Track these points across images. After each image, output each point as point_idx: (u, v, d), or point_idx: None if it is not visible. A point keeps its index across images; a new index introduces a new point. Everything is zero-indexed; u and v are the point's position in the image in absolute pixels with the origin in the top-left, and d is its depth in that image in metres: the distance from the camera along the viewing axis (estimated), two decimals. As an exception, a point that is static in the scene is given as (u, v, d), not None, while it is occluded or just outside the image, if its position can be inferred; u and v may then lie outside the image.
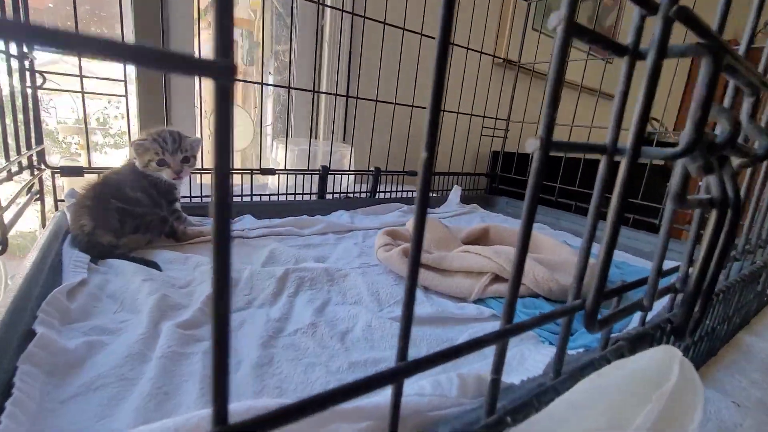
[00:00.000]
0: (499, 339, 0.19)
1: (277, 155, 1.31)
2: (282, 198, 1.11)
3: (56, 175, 0.83)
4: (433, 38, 0.15)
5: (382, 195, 1.30)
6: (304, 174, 1.15)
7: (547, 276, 0.62)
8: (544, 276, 0.62)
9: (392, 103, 1.25)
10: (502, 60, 1.63)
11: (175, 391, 0.35)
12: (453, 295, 0.63)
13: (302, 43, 1.46)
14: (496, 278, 0.64)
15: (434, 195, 1.46)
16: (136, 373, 0.37)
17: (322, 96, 1.45)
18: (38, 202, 0.79)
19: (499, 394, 0.21)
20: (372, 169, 1.28)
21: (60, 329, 0.43)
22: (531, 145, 0.18)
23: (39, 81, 0.76)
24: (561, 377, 0.25)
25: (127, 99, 0.87)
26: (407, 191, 1.36)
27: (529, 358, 0.44)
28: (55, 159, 1.25)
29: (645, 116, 0.19)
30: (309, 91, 1.23)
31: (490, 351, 0.20)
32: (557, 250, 0.78)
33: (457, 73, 1.36)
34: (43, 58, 0.82)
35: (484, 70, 1.47)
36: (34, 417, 0.31)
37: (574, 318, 0.24)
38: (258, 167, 1.06)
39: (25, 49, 0.72)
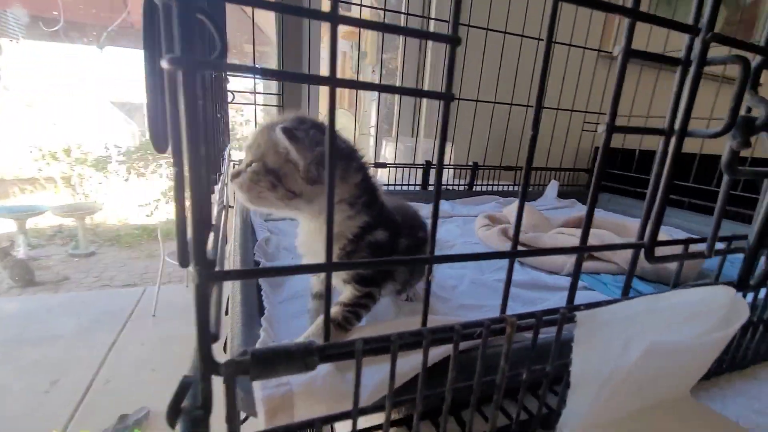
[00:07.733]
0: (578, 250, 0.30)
1: (385, 152, 1.50)
2: (390, 189, 1.28)
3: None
4: (535, 38, 0.27)
5: (478, 188, 1.40)
6: (409, 168, 1.31)
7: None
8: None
9: (492, 102, 1.34)
10: (607, 53, 1.60)
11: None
12: (546, 270, 0.72)
13: (409, 52, 1.63)
14: (589, 257, 0.71)
15: (531, 189, 1.51)
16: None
17: (424, 99, 1.60)
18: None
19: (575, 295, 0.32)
20: (470, 164, 1.39)
21: (266, 264, 0.64)
22: (600, 128, 0.29)
23: (230, 97, 1.04)
24: (629, 297, 0.35)
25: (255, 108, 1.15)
26: (503, 184, 1.43)
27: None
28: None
29: (690, 106, 0.29)
30: (412, 95, 1.37)
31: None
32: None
33: (558, 69, 1.39)
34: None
35: (588, 64, 1.46)
36: (273, 306, 0.51)
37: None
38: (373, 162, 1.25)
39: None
